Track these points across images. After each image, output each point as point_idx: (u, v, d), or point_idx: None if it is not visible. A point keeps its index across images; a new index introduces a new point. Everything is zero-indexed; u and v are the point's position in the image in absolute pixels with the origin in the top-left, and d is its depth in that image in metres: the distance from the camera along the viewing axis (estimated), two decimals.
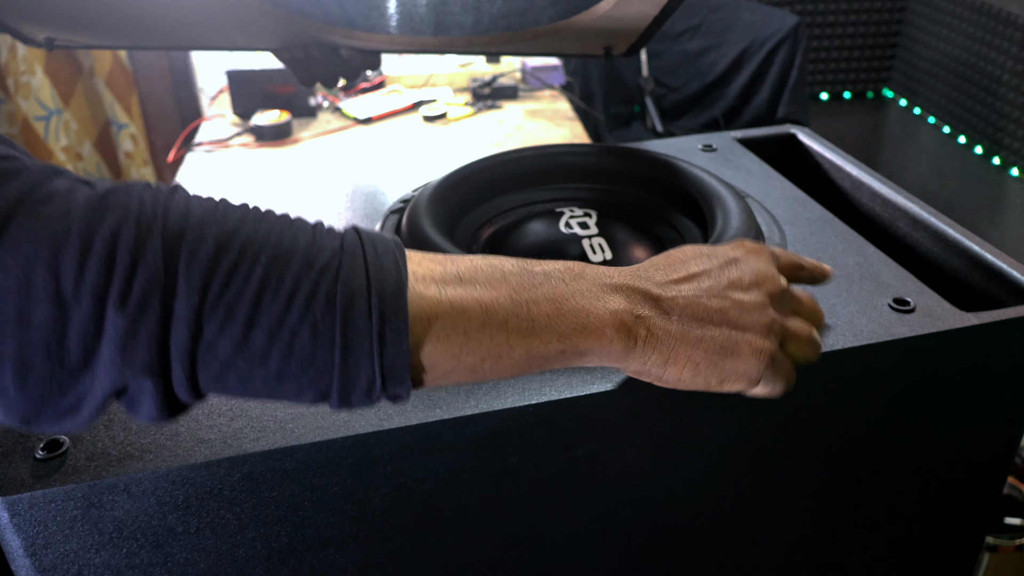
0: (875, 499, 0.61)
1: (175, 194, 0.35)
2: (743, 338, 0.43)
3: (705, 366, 0.42)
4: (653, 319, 0.42)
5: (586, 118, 2.08)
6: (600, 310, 0.41)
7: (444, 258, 0.40)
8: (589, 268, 0.43)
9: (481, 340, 0.38)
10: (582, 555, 0.55)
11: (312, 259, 0.36)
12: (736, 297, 0.43)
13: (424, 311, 0.37)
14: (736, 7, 2.31)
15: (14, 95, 2.07)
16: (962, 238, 0.64)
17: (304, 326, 0.35)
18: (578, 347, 0.40)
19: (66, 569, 0.45)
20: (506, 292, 0.39)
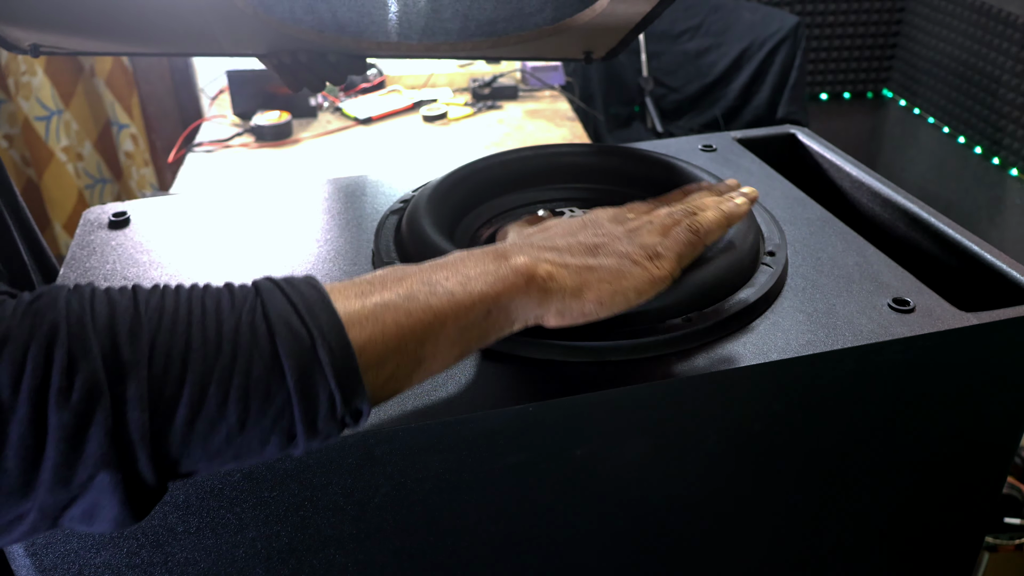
0: (875, 499, 0.61)
1: (95, 290, 0.36)
2: (630, 251, 0.48)
3: (618, 282, 0.46)
4: (552, 258, 0.46)
5: (586, 118, 2.08)
6: (504, 267, 0.44)
7: (348, 281, 0.42)
8: (478, 249, 0.47)
9: (413, 327, 0.40)
10: (582, 555, 0.55)
11: (237, 306, 0.37)
12: (604, 230, 0.50)
13: (353, 316, 0.38)
14: (736, 7, 2.31)
15: (15, 95, 2.07)
16: (962, 238, 0.64)
17: (254, 363, 0.35)
18: (499, 302, 0.43)
19: (66, 569, 0.45)
20: (416, 281, 0.42)
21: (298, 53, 0.73)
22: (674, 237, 0.50)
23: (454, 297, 0.41)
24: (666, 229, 0.51)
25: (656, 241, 0.49)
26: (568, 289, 0.45)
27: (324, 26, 0.69)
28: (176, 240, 0.66)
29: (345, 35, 0.70)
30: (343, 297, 0.39)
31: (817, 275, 0.60)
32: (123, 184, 2.35)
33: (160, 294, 0.37)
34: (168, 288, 0.37)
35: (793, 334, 0.54)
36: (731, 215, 0.53)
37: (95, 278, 0.61)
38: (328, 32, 0.69)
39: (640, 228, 0.51)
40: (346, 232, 0.67)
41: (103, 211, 0.70)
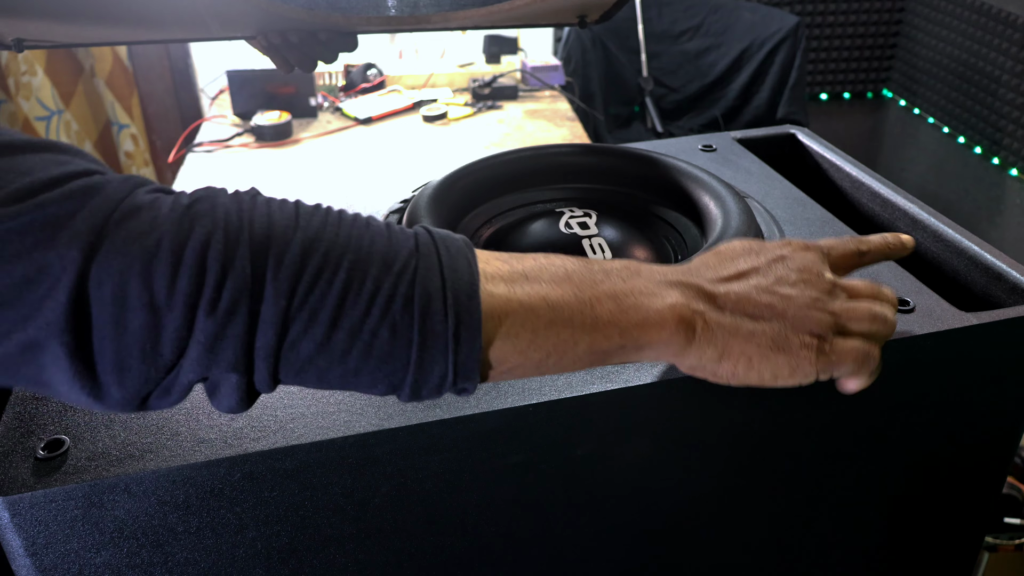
0: (875, 498, 0.61)
1: (256, 201, 0.37)
2: (793, 332, 0.43)
3: (758, 360, 0.43)
4: (708, 313, 0.43)
5: (586, 118, 2.08)
6: (659, 305, 0.42)
7: (510, 256, 0.42)
8: (644, 266, 0.44)
9: (548, 337, 0.40)
10: (582, 555, 0.55)
11: (390, 261, 0.37)
12: (784, 292, 0.44)
13: (495, 309, 0.39)
14: (736, 7, 2.31)
15: (15, 95, 2.07)
16: (961, 238, 0.64)
17: (384, 326, 0.36)
18: (638, 341, 0.42)
19: (67, 569, 0.45)
20: (570, 290, 0.41)
21: (288, 33, 0.73)
22: (853, 348, 0.44)
23: (598, 323, 0.41)
24: (845, 328, 0.45)
25: (828, 332, 0.44)
26: (709, 352, 0.43)
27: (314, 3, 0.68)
28: None
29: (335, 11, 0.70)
30: (493, 280, 0.39)
31: None
32: None
33: (321, 220, 0.37)
34: (330, 215, 0.38)
35: None
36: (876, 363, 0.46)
37: None
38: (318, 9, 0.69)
39: (825, 303, 0.45)
40: None
41: None
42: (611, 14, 0.77)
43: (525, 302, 0.39)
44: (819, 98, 2.76)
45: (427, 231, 0.40)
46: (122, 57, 2.20)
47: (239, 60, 1.84)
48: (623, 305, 0.41)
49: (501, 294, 0.39)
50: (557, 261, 0.42)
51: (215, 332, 0.34)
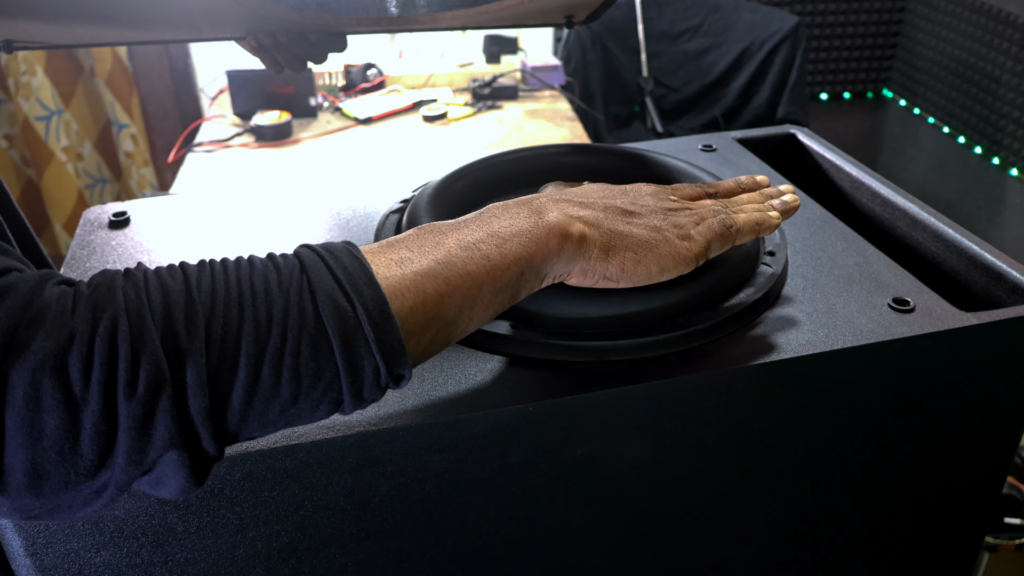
0: (875, 498, 0.61)
1: (147, 276, 0.37)
2: (662, 229, 0.49)
3: (643, 253, 0.47)
4: (587, 216, 0.47)
5: (586, 118, 2.08)
6: (538, 222, 0.45)
7: (386, 243, 0.43)
8: (510, 201, 0.48)
9: (452, 293, 0.41)
10: (582, 554, 0.55)
11: (284, 286, 0.38)
12: (643, 202, 0.51)
13: (396, 287, 0.40)
14: (736, 7, 2.31)
15: (15, 95, 2.07)
16: (961, 238, 0.64)
17: (303, 344, 0.37)
18: (533, 262, 0.44)
19: (67, 568, 0.45)
20: (453, 243, 0.43)
21: (277, 33, 0.73)
22: (707, 225, 0.50)
23: (491, 262, 0.43)
24: (701, 218, 0.51)
25: (689, 224, 0.50)
26: (596, 250, 0.46)
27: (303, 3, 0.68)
28: (176, 240, 0.66)
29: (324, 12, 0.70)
30: (384, 266, 0.40)
31: (817, 275, 0.60)
32: (123, 184, 2.35)
33: (210, 276, 0.38)
34: (216, 267, 0.39)
35: (793, 334, 0.54)
36: (763, 223, 0.53)
37: None
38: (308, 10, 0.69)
39: (677, 210, 0.51)
40: (346, 232, 0.67)
41: (103, 211, 0.70)
42: (598, 14, 0.77)
43: (420, 270, 0.41)
44: (819, 98, 2.76)
45: (306, 246, 0.41)
46: (122, 57, 2.20)
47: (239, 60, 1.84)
48: (506, 237, 0.44)
49: (395, 273, 0.40)
50: (429, 227, 0.44)
51: (142, 413, 0.34)
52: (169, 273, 0.38)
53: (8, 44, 0.66)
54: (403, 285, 0.40)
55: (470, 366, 0.51)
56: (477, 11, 0.72)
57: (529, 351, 0.52)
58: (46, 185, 2.18)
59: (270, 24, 0.71)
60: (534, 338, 0.51)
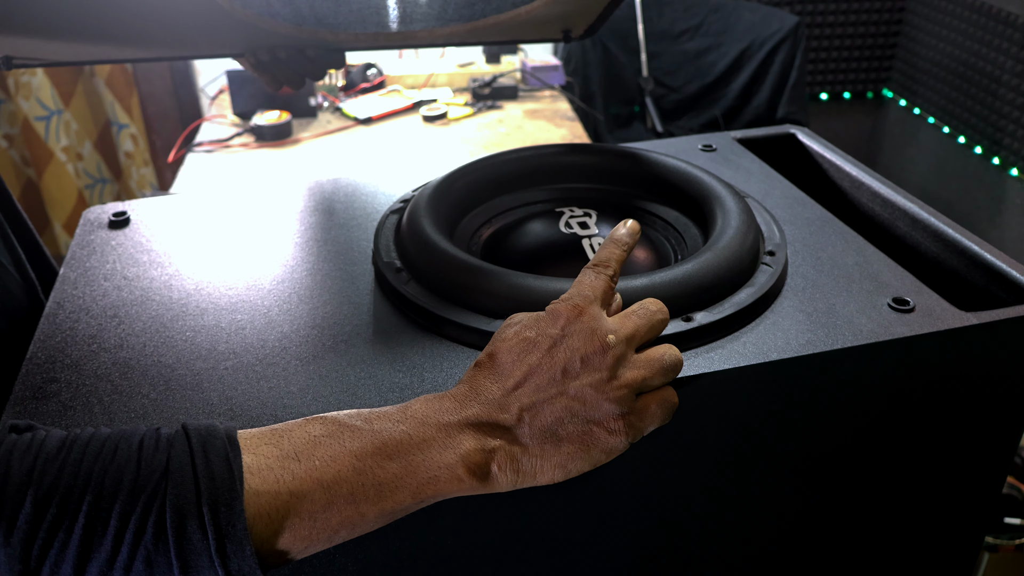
0: (875, 498, 0.61)
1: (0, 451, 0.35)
2: (596, 424, 0.43)
3: (574, 460, 0.43)
4: (506, 448, 0.42)
5: (586, 118, 2.08)
6: (449, 458, 0.41)
7: (280, 434, 0.40)
8: (429, 407, 0.43)
9: (329, 518, 0.39)
10: (582, 554, 0.55)
11: (138, 490, 0.35)
12: (575, 388, 0.43)
13: (264, 509, 0.37)
14: (736, 7, 2.31)
15: (15, 95, 2.07)
16: (962, 238, 0.64)
17: (138, 561, 0.35)
18: (434, 496, 0.41)
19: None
20: (348, 462, 0.39)
21: (276, 49, 0.73)
22: (653, 406, 0.45)
23: (383, 491, 0.39)
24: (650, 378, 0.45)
25: (629, 405, 0.44)
26: (517, 479, 0.43)
27: (302, 19, 0.68)
28: (176, 240, 0.66)
29: (323, 28, 0.70)
30: (261, 475, 0.37)
31: (817, 275, 0.60)
32: (123, 184, 2.35)
33: (61, 463, 0.35)
34: (74, 451, 0.36)
35: (793, 334, 0.54)
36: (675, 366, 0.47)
37: (95, 278, 0.61)
38: (306, 26, 0.69)
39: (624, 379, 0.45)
40: (346, 232, 0.67)
41: (103, 211, 0.70)
42: (595, 28, 0.77)
43: (297, 491, 0.38)
44: (819, 98, 2.76)
45: (186, 436, 0.38)
46: None
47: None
48: (410, 465, 0.40)
49: (269, 490, 0.37)
50: (334, 427, 0.40)
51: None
52: (23, 452, 0.35)
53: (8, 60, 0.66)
54: (272, 507, 0.37)
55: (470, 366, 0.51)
56: (473, 26, 0.72)
57: None
58: (46, 185, 2.18)
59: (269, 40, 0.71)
60: None
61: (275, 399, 0.49)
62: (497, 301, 0.53)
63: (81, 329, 0.55)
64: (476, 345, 0.53)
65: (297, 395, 0.49)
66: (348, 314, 0.57)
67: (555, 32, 0.79)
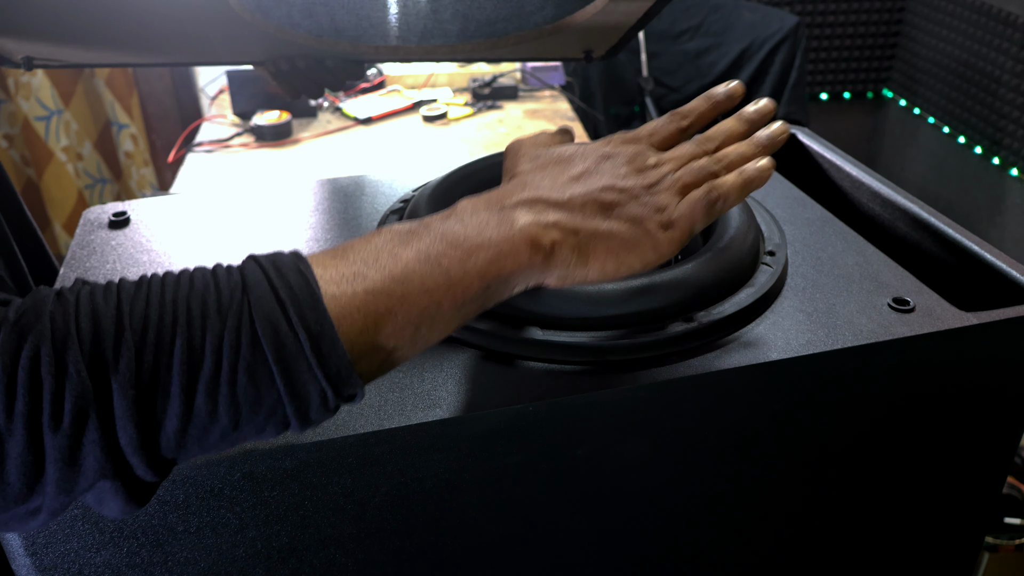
0: (875, 498, 0.61)
1: (80, 297, 0.36)
2: (644, 217, 0.45)
3: (624, 253, 0.44)
4: (562, 221, 0.43)
5: (586, 118, 2.08)
6: (507, 233, 0.42)
7: (343, 249, 0.41)
8: (482, 198, 0.44)
9: (408, 312, 0.39)
10: (582, 554, 0.55)
11: (223, 309, 0.36)
12: (623, 185, 0.46)
13: (346, 308, 0.38)
14: (736, 7, 2.31)
15: (15, 95, 2.07)
16: (962, 238, 0.64)
17: (240, 372, 0.35)
18: (500, 276, 0.41)
19: (66, 568, 0.45)
20: (412, 255, 0.40)
21: (296, 59, 0.73)
22: (691, 204, 0.46)
23: (451, 277, 0.40)
24: (686, 188, 0.47)
25: (672, 204, 0.46)
26: (573, 257, 0.43)
27: (322, 31, 0.68)
28: (176, 240, 0.66)
29: (343, 39, 0.70)
30: (333, 282, 0.38)
31: (817, 275, 0.60)
32: (123, 184, 2.35)
33: (144, 299, 0.36)
34: (153, 288, 0.37)
35: (793, 334, 0.54)
36: (753, 181, 0.48)
37: (95, 278, 0.61)
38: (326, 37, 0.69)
39: (660, 183, 0.47)
40: (346, 232, 0.67)
41: (103, 211, 0.70)
42: (617, 49, 0.77)
43: (372, 288, 0.38)
44: (819, 98, 2.76)
45: (254, 260, 0.39)
46: None
47: None
48: (470, 248, 0.41)
49: (346, 292, 0.38)
50: (392, 231, 0.42)
51: (68, 445, 0.33)
52: (104, 295, 0.36)
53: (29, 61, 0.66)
54: (353, 305, 0.38)
55: (470, 366, 0.51)
56: (495, 43, 0.72)
57: (529, 351, 0.52)
58: (46, 185, 2.18)
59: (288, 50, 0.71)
60: (534, 337, 0.51)
61: None
62: None
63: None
64: (476, 345, 0.53)
65: None
66: None
67: (576, 52, 0.79)
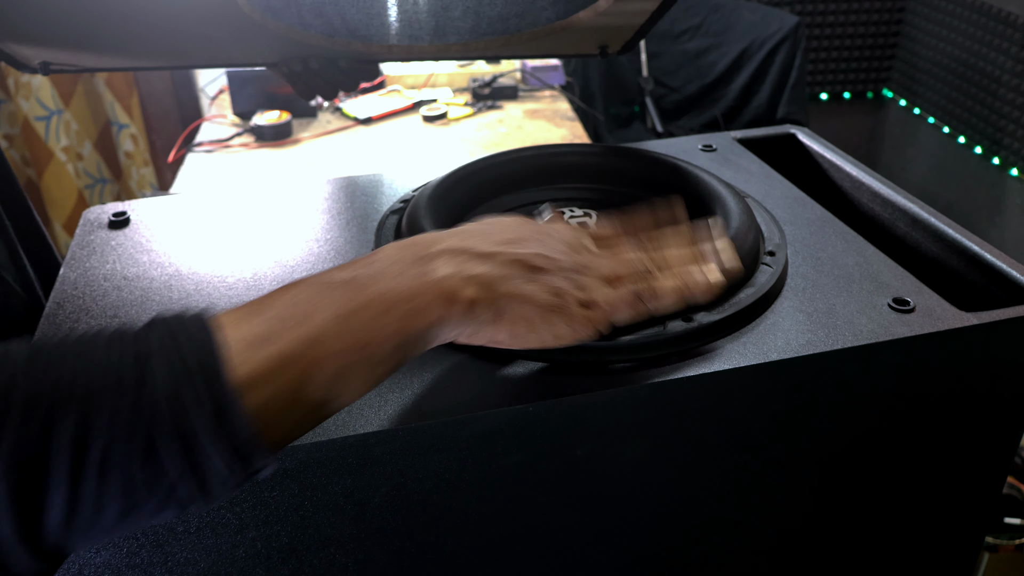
0: (875, 498, 0.61)
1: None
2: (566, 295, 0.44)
3: (538, 321, 0.43)
4: (483, 275, 0.42)
5: (586, 118, 2.08)
6: (425, 285, 0.40)
7: (258, 305, 0.38)
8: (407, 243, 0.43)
9: (318, 376, 0.37)
10: (582, 555, 0.55)
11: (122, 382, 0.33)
12: (555, 256, 0.45)
13: (250, 377, 0.35)
14: (736, 7, 2.31)
15: (15, 95, 2.07)
16: (962, 238, 0.64)
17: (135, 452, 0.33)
18: (413, 334, 0.40)
19: (66, 569, 0.45)
20: (328, 314, 0.38)
21: (309, 60, 0.73)
22: (617, 292, 0.45)
23: (366, 336, 0.38)
24: (616, 280, 0.46)
25: (597, 287, 0.45)
26: (487, 316, 0.42)
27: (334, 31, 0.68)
28: (176, 240, 0.66)
29: (355, 39, 0.70)
30: (240, 348, 0.35)
31: (817, 275, 0.60)
32: (123, 184, 2.35)
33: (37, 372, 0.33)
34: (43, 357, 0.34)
35: (793, 334, 0.54)
36: (691, 289, 0.47)
37: (95, 278, 0.61)
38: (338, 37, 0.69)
39: (591, 266, 0.46)
40: (346, 232, 0.67)
41: (103, 211, 0.70)
42: (632, 44, 0.77)
43: (283, 352, 0.36)
44: (819, 98, 2.76)
45: (156, 325, 0.36)
46: None
47: None
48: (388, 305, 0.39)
49: (254, 358, 0.35)
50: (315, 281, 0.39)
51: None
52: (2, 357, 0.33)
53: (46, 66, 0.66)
54: (258, 373, 0.35)
55: (470, 366, 0.51)
56: (508, 40, 0.72)
57: (529, 351, 0.52)
58: (46, 185, 2.18)
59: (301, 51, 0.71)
60: None
61: None
62: None
63: (81, 329, 0.55)
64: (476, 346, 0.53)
65: None
66: None
67: (591, 47, 0.78)
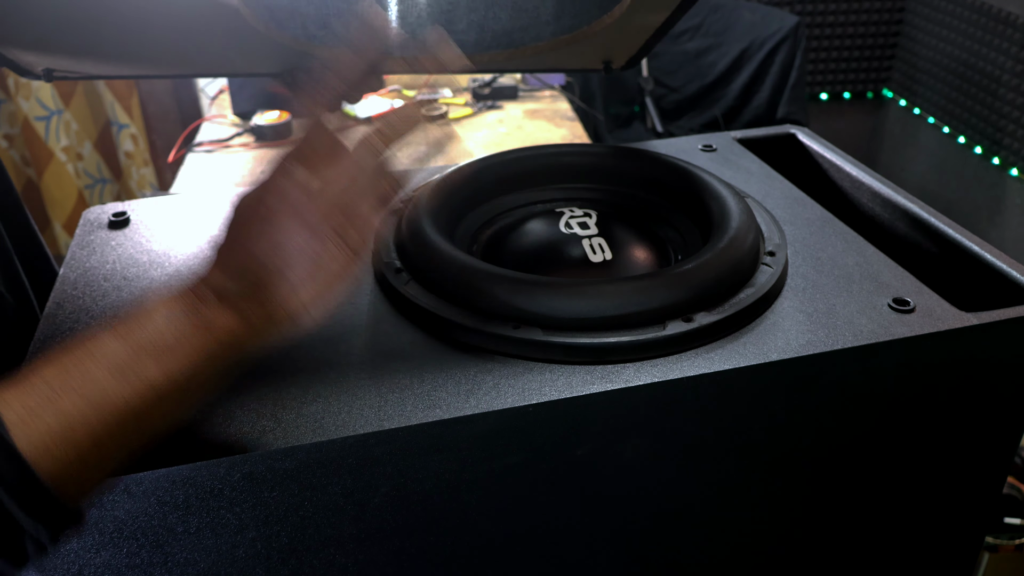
0: (875, 499, 0.61)
1: None
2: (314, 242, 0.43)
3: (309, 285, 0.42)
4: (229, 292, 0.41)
5: (586, 118, 2.08)
6: (193, 328, 0.40)
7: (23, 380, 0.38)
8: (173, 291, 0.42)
9: (113, 431, 0.37)
10: (582, 555, 0.55)
11: None
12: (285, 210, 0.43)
13: (37, 447, 0.35)
14: (736, 7, 2.31)
15: (15, 95, 2.07)
16: (962, 238, 0.64)
17: None
18: (206, 368, 0.40)
19: (66, 569, 0.45)
20: (103, 371, 0.38)
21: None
22: (363, 218, 0.45)
23: (154, 384, 0.38)
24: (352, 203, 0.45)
25: (342, 221, 0.44)
26: (260, 327, 0.42)
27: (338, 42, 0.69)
28: (176, 240, 0.66)
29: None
30: (21, 421, 0.35)
31: (817, 275, 0.60)
32: (123, 184, 2.35)
33: None
34: None
35: (793, 334, 0.54)
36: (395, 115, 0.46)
37: (95, 278, 0.61)
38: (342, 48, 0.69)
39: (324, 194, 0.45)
40: None
41: (103, 211, 0.70)
42: (637, 60, 0.77)
43: (65, 420, 0.36)
44: (819, 98, 2.76)
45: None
46: None
47: None
48: (164, 348, 0.39)
49: (35, 429, 0.35)
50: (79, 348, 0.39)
51: None
52: None
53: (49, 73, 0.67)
54: (45, 443, 0.35)
55: (470, 366, 0.51)
56: (512, 54, 0.72)
57: (529, 351, 0.52)
58: (46, 185, 2.17)
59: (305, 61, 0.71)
60: (534, 338, 0.51)
61: (274, 399, 0.49)
62: (497, 302, 0.54)
63: (81, 330, 0.55)
64: (476, 346, 0.53)
65: (296, 395, 0.49)
66: (347, 314, 0.57)
67: (595, 62, 0.78)
